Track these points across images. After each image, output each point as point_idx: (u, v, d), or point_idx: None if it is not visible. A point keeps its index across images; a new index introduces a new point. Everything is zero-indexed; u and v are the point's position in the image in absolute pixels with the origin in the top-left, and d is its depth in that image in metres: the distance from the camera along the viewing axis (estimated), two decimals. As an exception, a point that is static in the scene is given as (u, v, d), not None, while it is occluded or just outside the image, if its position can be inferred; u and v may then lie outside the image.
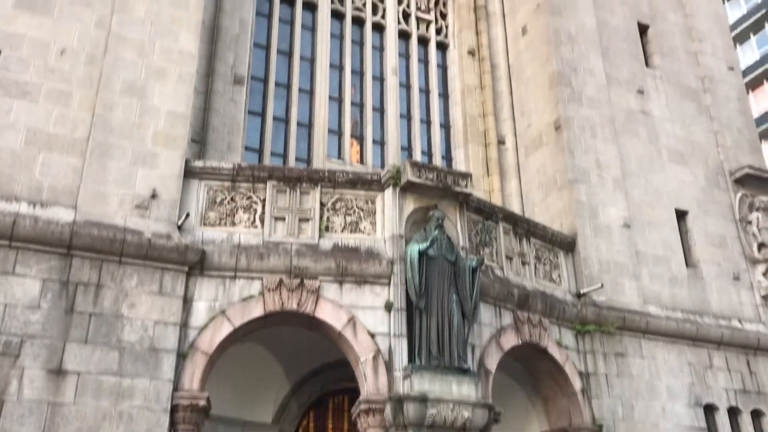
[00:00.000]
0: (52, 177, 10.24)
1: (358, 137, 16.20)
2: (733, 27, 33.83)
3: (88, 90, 10.99)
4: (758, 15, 33.95)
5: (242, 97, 14.34)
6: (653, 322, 13.60)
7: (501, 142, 16.77)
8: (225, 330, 10.22)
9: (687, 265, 14.96)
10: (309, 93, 15.86)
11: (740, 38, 34.07)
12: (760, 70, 32.91)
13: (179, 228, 10.69)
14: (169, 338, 9.94)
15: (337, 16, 16.96)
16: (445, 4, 18.51)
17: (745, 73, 31.26)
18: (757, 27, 34.15)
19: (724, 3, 25.39)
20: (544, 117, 15.69)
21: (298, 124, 15.39)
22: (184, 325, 10.16)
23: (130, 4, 11.87)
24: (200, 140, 13.27)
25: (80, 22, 11.40)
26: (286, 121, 15.34)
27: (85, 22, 11.44)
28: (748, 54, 34.19)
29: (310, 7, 16.65)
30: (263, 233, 11.03)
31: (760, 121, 30.56)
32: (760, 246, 15.64)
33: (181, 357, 9.94)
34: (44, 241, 9.77)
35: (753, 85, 32.68)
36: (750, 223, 15.94)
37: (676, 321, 13.89)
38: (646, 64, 17.39)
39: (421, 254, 10.64)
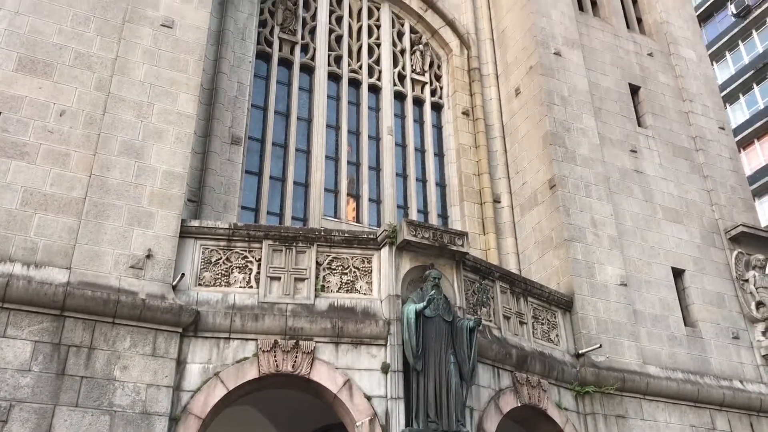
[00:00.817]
0: (47, 237, 10.21)
1: (355, 196, 16.26)
2: (723, 87, 34.50)
3: (86, 150, 11.06)
4: (746, 76, 34.64)
5: (239, 157, 14.44)
6: (653, 383, 13.41)
7: (496, 200, 16.85)
8: (218, 393, 10.03)
9: (685, 324, 14.86)
10: (306, 153, 16.00)
11: (730, 98, 34.70)
12: (750, 130, 33.38)
13: (174, 288, 10.61)
14: (161, 402, 9.74)
15: (334, 78, 17.25)
16: (439, 67, 18.87)
17: (736, 132, 31.75)
18: (745, 87, 34.81)
19: (712, 64, 25.99)
20: (539, 176, 15.82)
21: (295, 183, 15.47)
22: (177, 387, 9.97)
23: (130, 66, 12.07)
24: (197, 200, 13.30)
25: (80, 84, 11.56)
26: (283, 180, 15.42)
27: (85, 83, 11.61)
28: (738, 114, 34.75)
29: (308, 70, 16.95)
30: (258, 293, 10.95)
31: (752, 179, 30.88)
32: (759, 305, 15.57)
33: (174, 421, 9.72)
34: (37, 302, 9.67)
35: (744, 143, 33.12)
36: (747, 281, 15.91)
37: (676, 381, 13.70)
38: (639, 123, 17.66)
39: (418, 315, 10.54)
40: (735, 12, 36.01)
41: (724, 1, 37.13)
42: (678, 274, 15.51)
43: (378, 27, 18.47)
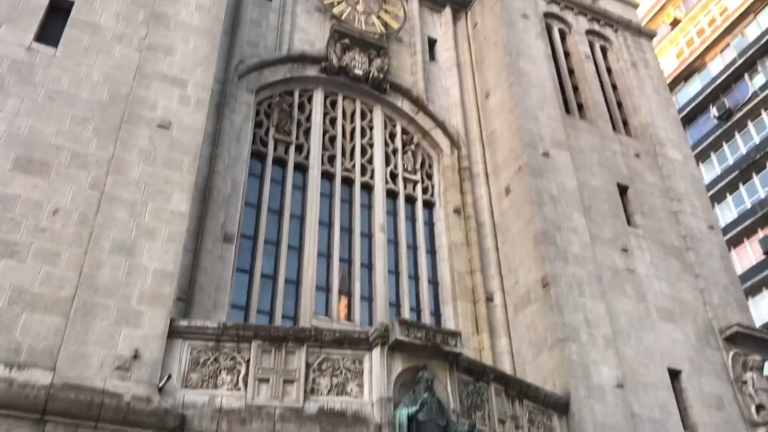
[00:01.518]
0: (32, 337, 10.01)
1: (346, 293, 16.15)
2: (710, 187, 35.07)
3: (77, 249, 11.03)
4: (732, 176, 35.36)
5: (231, 255, 14.42)
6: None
7: (489, 298, 16.75)
8: (202, 503, 9.58)
9: (684, 427, 14.46)
10: (298, 250, 16.00)
11: (717, 198, 35.25)
12: (739, 228, 33.74)
13: (160, 390, 10.33)
14: None
15: (327, 176, 17.49)
16: (430, 166, 19.21)
17: (725, 230, 32.06)
18: (732, 187, 35.44)
19: (698, 165, 26.60)
20: (531, 274, 15.80)
21: (286, 281, 15.38)
22: (158, 497, 9.53)
23: (125, 164, 12.23)
24: (186, 298, 13.16)
25: (75, 183, 11.67)
26: (274, 278, 15.34)
27: (80, 182, 11.72)
28: (727, 212, 35.22)
29: (301, 169, 17.21)
30: (246, 396, 10.66)
31: (744, 278, 30.89)
32: (759, 408, 15.24)
33: None
34: (17, 405, 9.38)
35: (734, 242, 33.38)
36: (745, 383, 15.63)
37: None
38: (628, 222, 17.83)
39: (411, 419, 10.26)
40: (717, 115, 37.18)
41: (707, 104, 38.40)
42: (675, 374, 15.24)
43: (371, 128, 18.93)
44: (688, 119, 38.53)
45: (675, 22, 42.86)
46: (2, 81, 12.20)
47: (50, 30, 13.50)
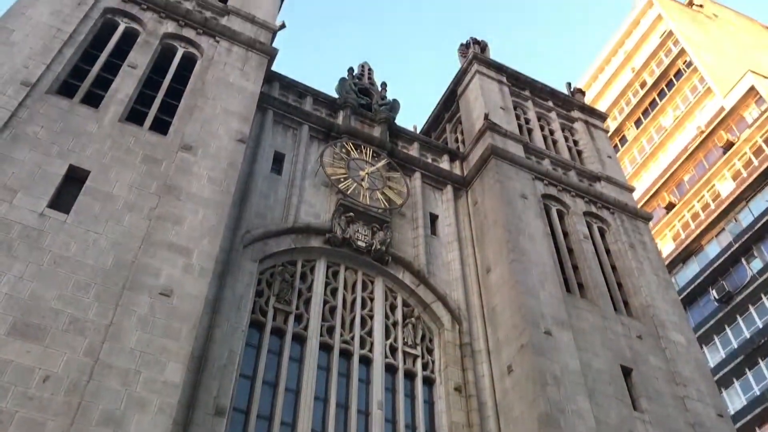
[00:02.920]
0: None
1: (340, 475, 15.30)
2: (715, 371, 34.38)
3: (63, 420, 10.62)
4: (737, 361, 34.76)
5: (222, 429, 13.83)
6: None
7: (491, 486, 15.83)
8: None
9: None
10: (291, 426, 15.36)
11: (724, 383, 34.38)
12: (749, 417, 32.59)
13: None
14: None
15: (325, 348, 17.21)
16: (431, 340, 18.97)
17: (734, 418, 30.92)
18: (738, 372, 34.72)
19: (702, 348, 26.24)
20: (535, 461, 15.05)
21: (278, 459, 14.63)
22: None
23: (123, 333, 12.10)
24: (171, 477, 12.44)
25: (70, 350, 11.48)
26: (265, 456, 14.61)
27: (75, 349, 11.53)
28: (735, 399, 34.20)
29: (300, 340, 16.98)
30: None
31: (757, 468, 29.40)
32: None
33: None
34: None
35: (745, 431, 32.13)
36: None
37: None
38: (634, 407, 17.28)
39: None
40: (717, 298, 37.31)
41: (706, 287, 38.67)
42: None
43: (371, 299, 18.93)
44: (689, 301, 38.62)
45: (670, 206, 44.31)
46: (10, 246, 12.40)
47: (64, 197, 13.95)
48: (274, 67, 22.51)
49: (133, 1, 20.15)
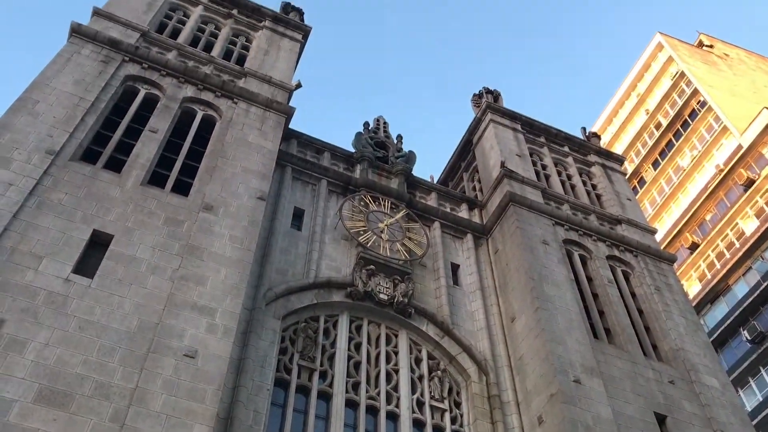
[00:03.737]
0: None
1: None
2: (753, 415, 33.30)
3: (89, 488, 10.49)
4: (775, 402, 33.80)
5: (249, 492, 13.60)
6: None
7: None
8: None
9: None
10: (319, 487, 15.08)
11: (763, 427, 33.25)
12: (792, 465, 31.50)
13: None
14: None
15: (352, 405, 16.96)
16: (458, 393, 18.64)
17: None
18: (776, 417, 33.68)
19: (737, 391, 25.51)
20: None
21: None
22: None
23: (148, 395, 12.04)
24: None
25: (96, 415, 11.42)
26: None
27: (101, 414, 11.47)
28: (777, 446, 33.09)
29: (325, 397, 16.77)
30: None
31: None
32: None
33: None
34: None
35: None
36: None
37: None
38: (671, 455, 16.76)
39: None
40: (749, 338, 36.44)
41: (737, 328, 37.84)
42: None
43: (396, 353, 18.71)
44: (720, 343, 37.76)
45: (693, 246, 43.77)
46: (37, 312, 12.49)
47: (89, 262, 14.09)
48: (292, 125, 22.87)
49: (153, 68, 20.68)
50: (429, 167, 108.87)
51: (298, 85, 23.62)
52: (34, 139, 15.94)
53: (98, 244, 14.61)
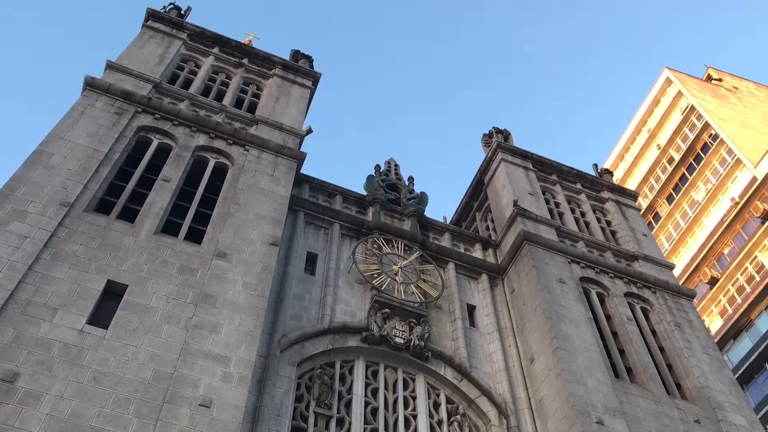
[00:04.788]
0: None
1: None
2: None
3: None
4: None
5: None
6: None
7: None
8: None
9: None
10: None
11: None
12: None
13: None
14: None
15: (370, 452, 16.64)
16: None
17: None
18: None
19: (766, 429, 24.81)
20: None
21: None
22: None
23: (163, 448, 11.84)
24: None
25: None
26: None
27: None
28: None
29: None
30: None
31: None
32: None
33: None
34: None
35: None
36: None
37: None
38: (701, 499, 16.23)
39: None
40: (775, 375, 35.67)
41: (762, 363, 37.03)
42: None
43: (414, 398, 18.41)
44: (745, 379, 36.92)
45: (713, 281, 43.18)
46: (51, 365, 12.43)
47: (103, 312, 14.08)
48: (303, 169, 23.00)
49: (165, 118, 20.96)
50: (441, 208, 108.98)
51: (309, 131, 23.83)
52: (49, 191, 16.10)
53: (112, 294, 14.61)
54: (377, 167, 26.92)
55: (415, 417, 17.91)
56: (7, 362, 12.15)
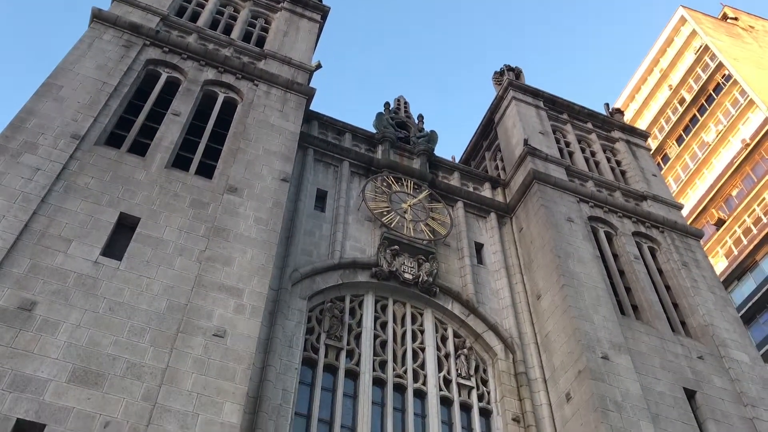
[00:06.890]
0: None
1: None
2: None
3: (124, 465, 10.65)
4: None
5: (280, 470, 13.72)
6: None
7: None
8: None
9: None
10: (349, 464, 15.17)
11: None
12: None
13: None
14: None
15: (379, 383, 17.03)
16: (485, 371, 18.62)
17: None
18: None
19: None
20: (602, 491, 14.54)
21: (337, 499, 14.40)
22: None
23: (179, 375, 12.16)
24: None
25: (128, 395, 11.57)
26: (325, 496, 14.41)
27: (133, 394, 11.61)
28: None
29: (352, 375, 16.84)
30: None
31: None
32: None
33: None
34: None
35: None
36: None
37: None
38: (701, 430, 16.63)
39: None
40: (777, 314, 36.05)
41: (764, 303, 37.38)
42: None
43: (422, 332, 18.73)
44: (748, 319, 37.34)
45: (720, 222, 43.18)
46: (67, 294, 12.64)
47: (116, 244, 14.22)
48: (312, 106, 22.82)
49: (174, 52, 20.72)
50: (451, 147, 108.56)
51: (318, 66, 23.55)
52: (59, 123, 16.06)
53: (125, 226, 14.73)
54: (387, 105, 26.68)
55: (422, 350, 18.26)
56: (25, 291, 12.36)
